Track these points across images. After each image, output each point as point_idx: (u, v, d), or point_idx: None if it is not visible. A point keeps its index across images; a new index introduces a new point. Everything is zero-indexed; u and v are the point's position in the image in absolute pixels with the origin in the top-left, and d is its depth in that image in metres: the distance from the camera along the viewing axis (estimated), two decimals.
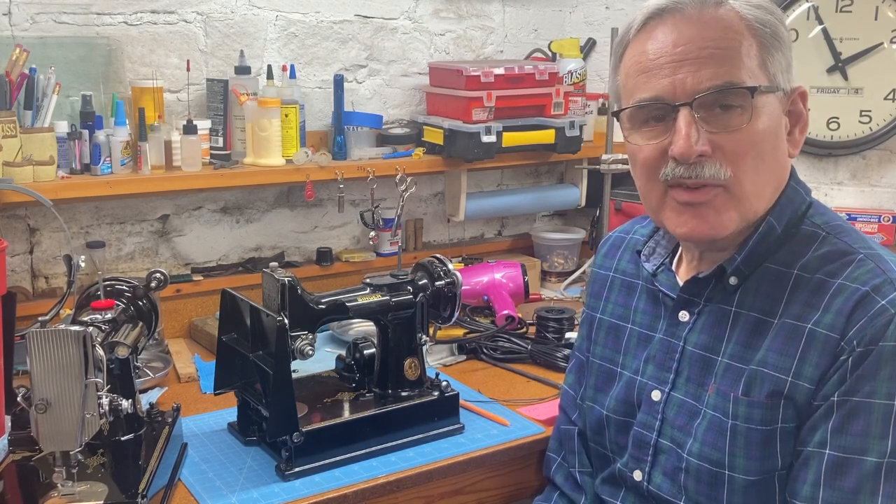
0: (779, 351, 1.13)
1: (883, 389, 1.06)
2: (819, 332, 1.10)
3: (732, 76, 1.12)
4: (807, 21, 2.41)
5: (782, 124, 1.17)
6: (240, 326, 1.60)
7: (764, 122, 1.13)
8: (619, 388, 1.34)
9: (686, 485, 1.21)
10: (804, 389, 1.10)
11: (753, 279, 1.19)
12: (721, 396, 1.18)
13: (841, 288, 1.11)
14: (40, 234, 2.04)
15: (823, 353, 1.09)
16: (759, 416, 1.14)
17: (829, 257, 1.15)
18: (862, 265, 1.12)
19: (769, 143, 1.15)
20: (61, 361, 1.22)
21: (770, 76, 1.15)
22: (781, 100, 1.17)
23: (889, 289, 1.08)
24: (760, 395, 1.14)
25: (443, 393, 1.65)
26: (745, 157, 1.13)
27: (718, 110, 1.13)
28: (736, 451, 1.15)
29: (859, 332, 1.07)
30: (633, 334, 1.34)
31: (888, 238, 2.40)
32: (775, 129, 1.16)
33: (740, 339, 1.18)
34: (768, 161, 1.16)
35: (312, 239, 2.40)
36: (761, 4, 1.16)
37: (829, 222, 1.20)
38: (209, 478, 1.48)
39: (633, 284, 1.38)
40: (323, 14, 2.32)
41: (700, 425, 1.20)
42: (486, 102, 2.30)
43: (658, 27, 1.15)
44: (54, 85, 1.91)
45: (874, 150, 2.45)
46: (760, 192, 1.17)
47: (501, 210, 2.64)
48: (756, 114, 1.12)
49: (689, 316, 1.25)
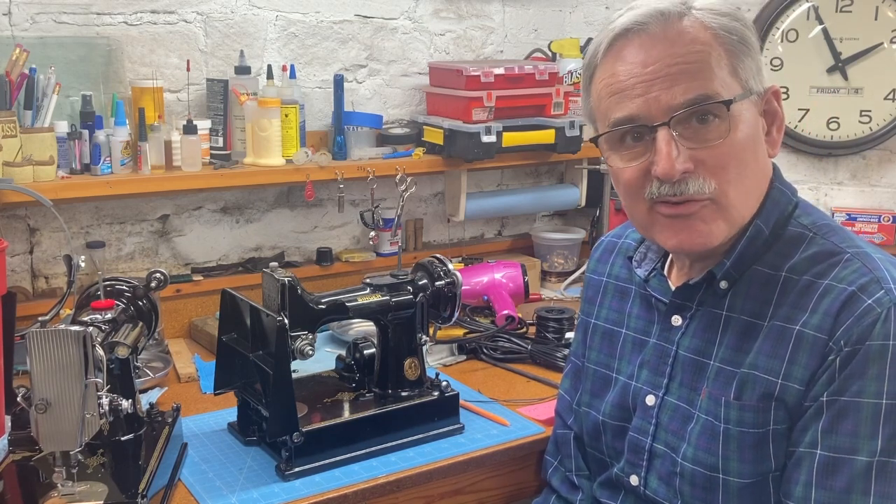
0: (768, 353, 1.13)
1: (871, 388, 1.06)
2: (807, 334, 1.10)
3: (706, 89, 1.11)
4: (807, 21, 2.41)
5: (759, 127, 1.17)
6: (240, 326, 1.60)
7: (743, 130, 1.13)
8: (614, 393, 1.34)
9: (682, 489, 1.21)
10: (794, 391, 1.11)
11: (743, 282, 1.19)
12: (713, 401, 1.18)
13: (828, 288, 1.11)
14: (40, 234, 2.04)
15: (812, 353, 1.10)
16: (751, 419, 1.14)
17: (816, 258, 1.15)
18: (849, 265, 1.12)
19: (749, 150, 1.15)
20: (61, 361, 1.22)
21: (742, 82, 1.14)
22: (756, 103, 1.16)
23: (875, 287, 1.08)
24: (752, 399, 1.14)
25: (443, 393, 1.65)
26: (727, 169, 1.13)
27: (696, 124, 1.12)
28: (729, 454, 1.15)
29: (846, 332, 1.07)
30: (627, 339, 1.34)
31: (888, 238, 2.40)
32: (754, 135, 1.16)
33: (731, 343, 1.18)
34: (751, 167, 1.16)
35: (312, 239, 2.40)
36: (726, 12, 1.15)
37: (815, 222, 1.20)
38: (209, 478, 1.48)
39: (627, 289, 1.37)
40: (323, 14, 2.32)
41: (693, 430, 1.20)
42: (486, 102, 2.30)
43: (625, 48, 1.15)
44: (54, 85, 1.91)
45: (874, 150, 2.45)
46: (745, 198, 1.17)
47: (501, 210, 2.64)
48: (734, 124, 1.12)
49: (681, 320, 1.25)
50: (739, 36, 1.14)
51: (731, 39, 1.13)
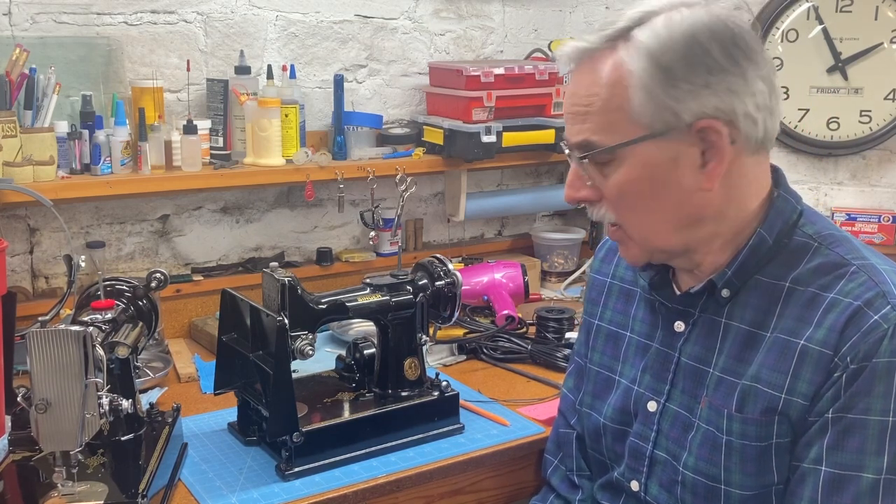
0: (772, 367, 1.12)
1: (877, 406, 1.05)
2: (812, 349, 1.09)
3: (590, 134, 1.13)
4: (807, 21, 2.41)
5: (679, 163, 1.11)
6: (240, 326, 1.60)
7: (633, 171, 1.12)
8: (616, 396, 1.33)
9: (683, 498, 1.21)
10: (798, 406, 1.10)
11: (745, 292, 1.18)
12: (714, 411, 1.17)
13: (833, 302, 1.10)
14: (40, 234, 2.04)
15: (817, 369, 1.09)
16: (753, 432, 1.13)
17: (821, 269, 1.14)
18: (854, 278, 1.11)
19: (646, 189, 1.13)
20: (61, 361, 1.22)
21: (646, 125, 1.09)
22: (672, 139, 1.10)
23: (882, 303, 1.07)
24: (755, 412, 1.13)
25: (443, 393, 1.65)
26: (621, 203, 1.16)
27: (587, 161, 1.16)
28: (732, 466, 1.15)
29: (852, 349, 1.06)
30: (631, 342, 1.34)
31: (888, 238, 2.40)
32: (655, 174, 1.12)
33: (732, 352, 1.18)
34: (658, 202, 1.14)
35: (312, 239, 2.40)
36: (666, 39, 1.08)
37: (820, 232, 1.18)
38: (209, 478, 1.48)
39: (632, 292, 1.37)
40: (323, 14, 2.32)
41: (694, 438, 1.20)
42: (486, 102, 2.30)
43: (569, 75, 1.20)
44: (54, 85, 1.91)
45: (874, 150, 2.45)
46: (657, 230, 1.16)
47: (501, 210, 2.64)
48: (624, 162, 1.12)
49: (684, 326, 1.25)
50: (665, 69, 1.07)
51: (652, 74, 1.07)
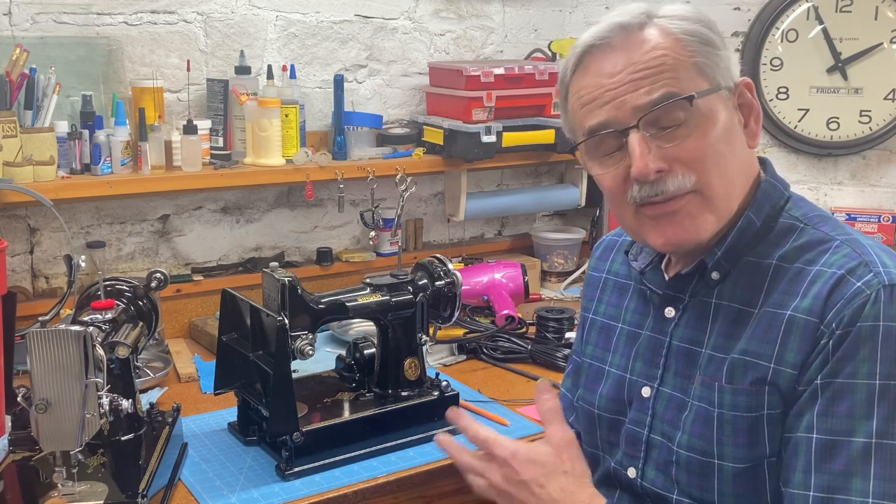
0: (760, 339, 1.15)
1: (864, 369, 1.07)
2: (798, 318, 1.12)
3: (669, 87, 1.14)
4: (807, 21, 2.41)
5: (734, 120, 1.19)
6: (240, 326, 1.60)
7: (714, 123, 1.16)
8: (608, 385, 1.35)
9: (678, 477, 1.22)
10: (787, 375, 1.12)
11: (734, 273, 1.21)
12: (706, 387, 1.19)
13: (818, 274, 1.13)
14: (40, 234, 2.05)
15: (804, 338, 1.11)
16: (744, 403, 1.15)
17: (807, 246, 1.17)
18: (838, 251, 1.14)
19: (724, 142, 1.17)
20: (61, 361, 1.22)
21: (710, 79, 1.17)
22: (727, 97, 1.19)
23: (864, 270, 1.10)
24: (744, 382, 1.15)
25: (443, 393, 1.65)
26: (703, 161, 1.15)
27: (665, 123, 1.15)
28: (724, 439, 1.16)
29: (837, 315, 1.08)
30: (622, 333, 1.36)
31: (888, 238, 2.40)
32: (726, 127, 1.18)
33: (722, 331, 1.20)
34: (729, 158, 1.18)
35: (312, 239, 2.40)
36: (686, 16, 1.18)
37: (807, 214, 1.22)
38: (209, 478, 1.48)
39: (626, 285, 1.39)
40: (323, 14, 2.32)
41: (688, 417, 1.21)
42: (486, 102, 2.30)
43: (592, 62, 1.19)
44: (54, 85, 1.91)
45: (874, 149, 2.45)
46: (730, 188, 1.19)
47: (501, 210, 2.64)
48: (704, 118, 1.15)
49: (674, 312, 1.27)
50: (701, 37, 1.17)
51: (694, 41, 1.16)
